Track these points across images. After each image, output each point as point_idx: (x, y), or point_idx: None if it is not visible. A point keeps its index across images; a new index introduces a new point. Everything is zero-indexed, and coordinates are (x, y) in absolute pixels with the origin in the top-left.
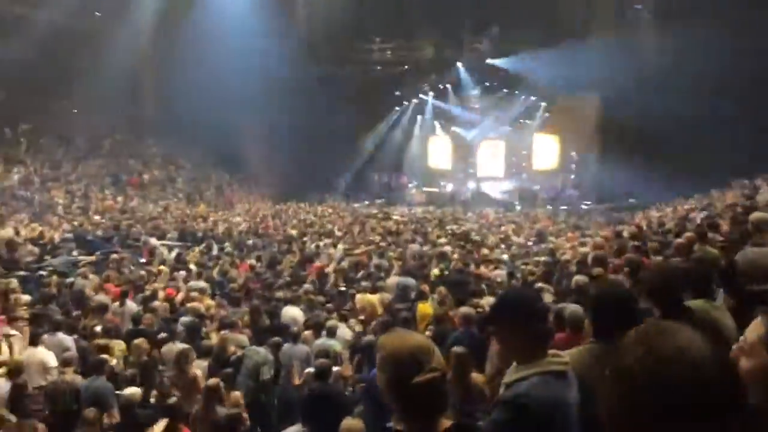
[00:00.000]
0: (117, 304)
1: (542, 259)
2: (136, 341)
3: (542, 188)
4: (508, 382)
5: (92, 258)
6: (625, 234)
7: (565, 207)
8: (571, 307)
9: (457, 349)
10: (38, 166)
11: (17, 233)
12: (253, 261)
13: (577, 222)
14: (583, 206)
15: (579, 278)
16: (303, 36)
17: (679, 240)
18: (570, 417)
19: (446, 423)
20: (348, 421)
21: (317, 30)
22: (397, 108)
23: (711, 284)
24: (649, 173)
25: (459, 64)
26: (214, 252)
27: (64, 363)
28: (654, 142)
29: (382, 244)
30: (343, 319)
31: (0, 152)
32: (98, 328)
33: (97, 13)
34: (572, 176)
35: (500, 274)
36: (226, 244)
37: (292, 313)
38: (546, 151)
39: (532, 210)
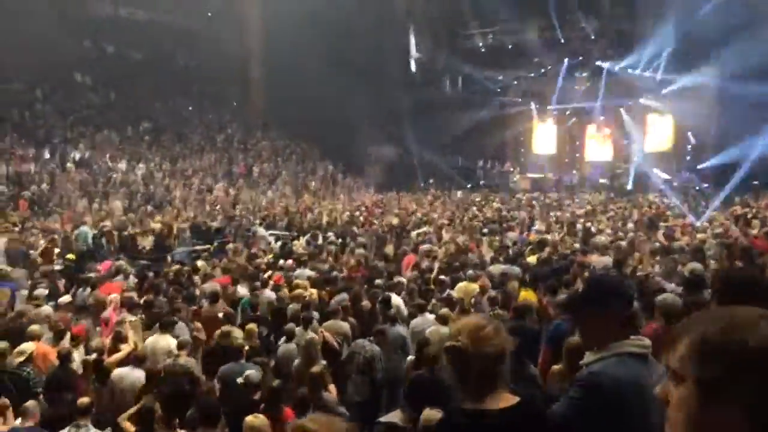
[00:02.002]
0: (231, 291)
1: (652, 246)
2: (248, 326)
3: (656, 171)
4: (586, 362)
5: (208, 247)
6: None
7: (681, 190)
8: (666, 297)
9: (572, 339)
10: (159, 162)
11: (139, 223)
12: (360, 250)
13: (694, 206)
14: (699, 189)
15: (694, 266)
16: (403, 23)
17: None
18: (648, 398)
19: (511, 399)
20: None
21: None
22: (499, 90)
23: None
24: None
25: (562, 42)
26: (319, 242)
27: (179, 346)
28: None
29: (485, 231)
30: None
31: (125, 149)
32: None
33: (209, 14)
34: (688, 158)
35: (606, 261)
36: (330, 234)
37: (395, 300)
38: (659, 132)
39: (645, 194)
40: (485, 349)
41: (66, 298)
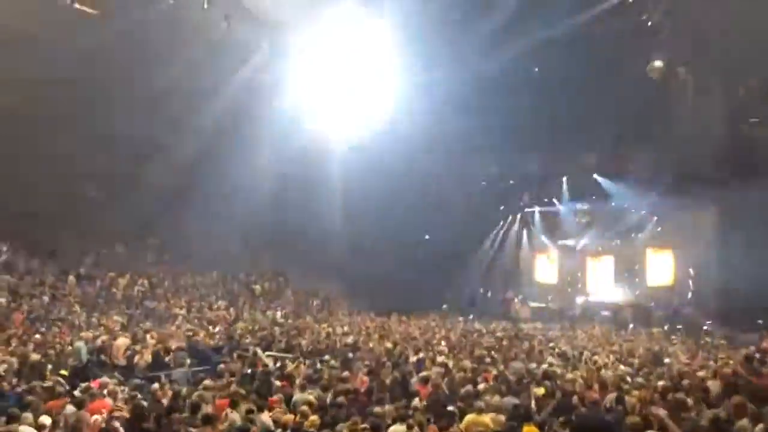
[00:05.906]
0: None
1: (660, 384)
2: None
3: (657, 305)
4: None
5: (207, 368)
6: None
7: (682, 326)
8: None
9: None
10: (162, 278)
11: (135, 342)
12: (362, 375)
13: (696, 343)
14: (704, 327)
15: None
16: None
17: None
18: None
19: None
20: None
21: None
22: (502, 222)
23: None
24: None
25: (564, 179)
26: (318, 365)
27: None
28: None
29: (487, 360)
30: None
31: (129, 264)
32: None
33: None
34: (689, 294)
35: (611, 397)
36: (327, 357)
37: (398, 430)
38: (660, 266)
39: (646, 329)
40: None
41: (46, 419)
